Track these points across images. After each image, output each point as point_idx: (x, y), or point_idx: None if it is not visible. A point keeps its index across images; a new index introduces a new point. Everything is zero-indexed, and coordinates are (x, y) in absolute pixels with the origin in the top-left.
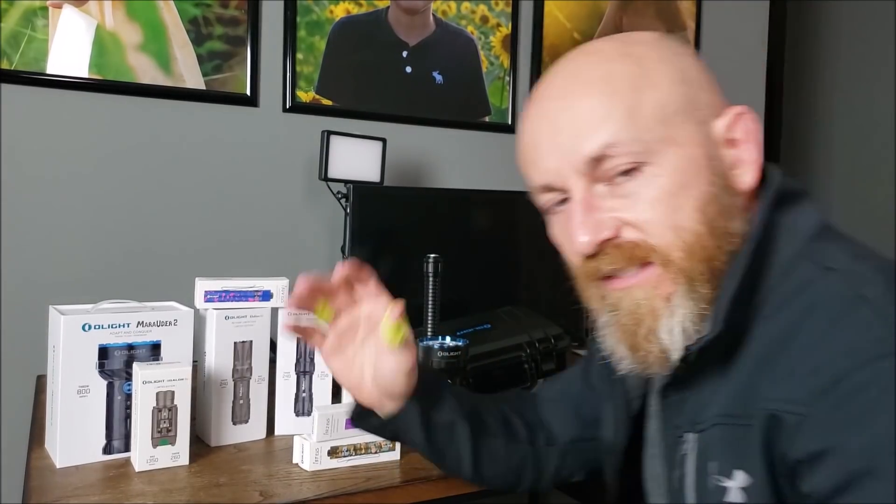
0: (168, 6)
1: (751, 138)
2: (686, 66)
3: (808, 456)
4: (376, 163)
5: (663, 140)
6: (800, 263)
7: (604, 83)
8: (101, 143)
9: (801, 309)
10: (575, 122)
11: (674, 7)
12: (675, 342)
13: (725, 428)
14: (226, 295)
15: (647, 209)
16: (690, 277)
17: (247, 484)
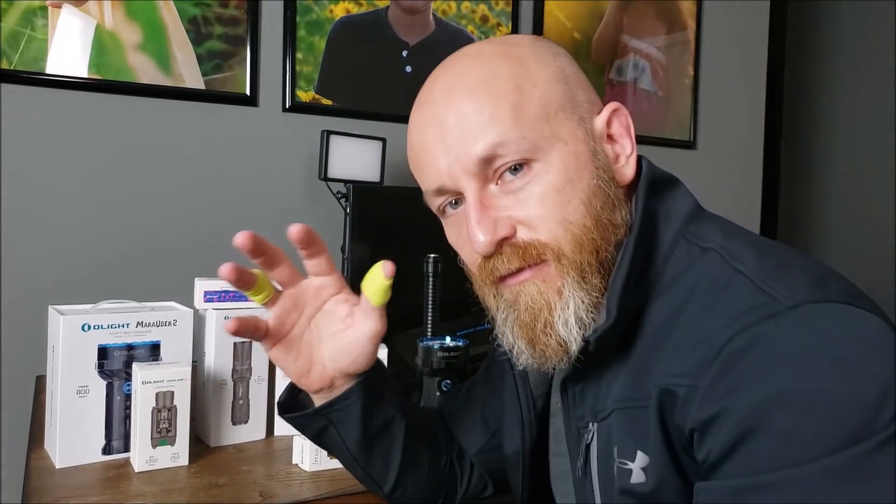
0: (168, 6)
1: (626, 132)
2: (563, 65)
3: (701, 424)
4: (376, 163)
5: (549, 137)
6: (678, 245)
7: (488, 83)
8: (101, 143)
9: (685, 288)
10: (463, 124)
11: (674, 7)
12: (571, 333)
13: (624, 412)
14: (225, 295)
15: (536, 205)
16: (580, 269)
17: (246, 484)
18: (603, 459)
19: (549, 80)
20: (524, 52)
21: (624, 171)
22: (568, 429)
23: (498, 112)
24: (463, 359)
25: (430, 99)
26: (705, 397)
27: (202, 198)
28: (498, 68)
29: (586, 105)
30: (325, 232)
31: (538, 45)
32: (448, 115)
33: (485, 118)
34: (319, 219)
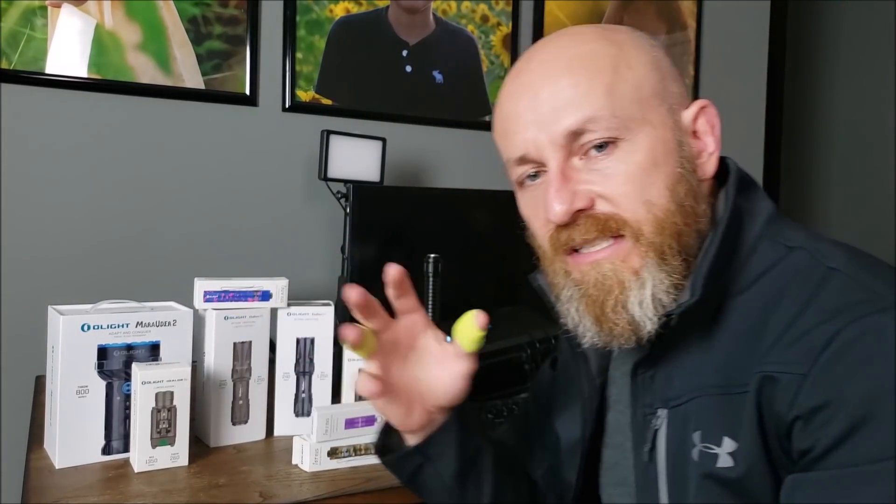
0: (167, 6)
1: (712, 130)
2: (658, 56)
3: (809, 411)
4: (376, 162)
5: (638, 119)
6: (762, 244)
7: (586, 60)
8: (101, 143)
9: (775, 283)
10: (557, 96)
11: (674, 7)
12: (646, 313)
13: (711, 398)
14: (225, 295)
15: (621, 183)
16: (661, 251)
17: (246, 485)
18: (675, 444)
19: (644, 66)
20: (623, 37)
21: (705, 167)
22: (634, 415)
23: (593, 88)
24: None
25: (526, 69)
26: (814, 385)
27: (202, 198)
28: (596, 47)
29: (677, 97)
30: (325, 232)
31: (636, 34)
32: (543, 87)
33: (579, 93)
34: (319, 219)
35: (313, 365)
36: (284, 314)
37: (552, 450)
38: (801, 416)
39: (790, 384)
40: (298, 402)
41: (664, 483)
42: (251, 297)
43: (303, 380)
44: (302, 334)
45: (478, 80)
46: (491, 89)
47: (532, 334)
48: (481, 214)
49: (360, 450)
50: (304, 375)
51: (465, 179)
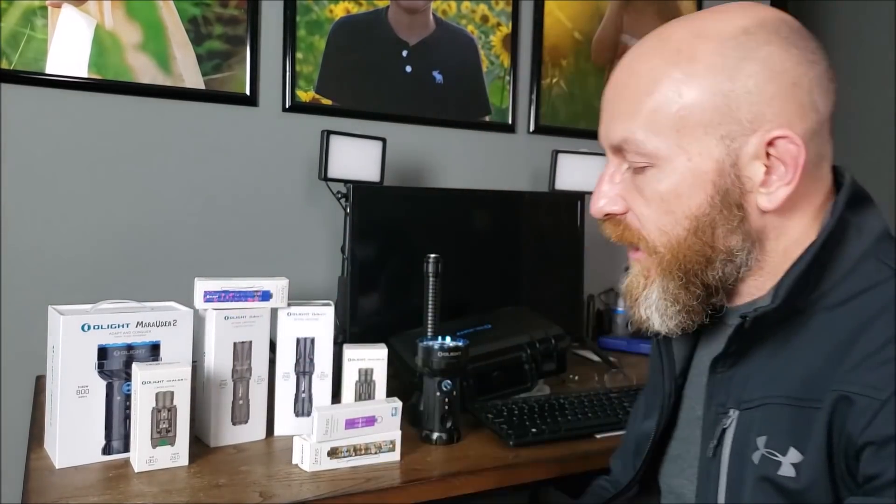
0: (167, 6)
1: (788, 161)
2: (747, 74)
3: (882, 439)
4: (376, 162)
5: (673, 147)
6: (866, 262)
7: (644, 78)
8: (101, 143)
9: (872, 305)
10: (615, 107)
11: (674, 7)
12: (652, 317)
13: (785, 408)
14: (225, 295)
15: (643, 205)
16: (666, 274)
17: (246, 485)
18: (739, 445)
19: (702, 94)
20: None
21: (770, 197)
22: (707, 411)
23: (638, 111)
24: (463, 359)
25: (618, 66)
26: (890, 414)
27: (202, 198)
28: (659, 65)
29: (746, 124)
30: (325, 232)
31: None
32: (612, 92)
33: (624, 112)
34: (319, 219)
35: (313, 365)
36: (284, 314)
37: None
38: (874, 443)
39: (867, 408)
40: (298, 401)
41: (724, 480)
42: (251, 297)
43: (303, 380)
44: (302, 334)
45: (478, 80)
46: (491, 89)
47: (532, 334)
48: (481, 214)
49: (360, 450)
50: (305, 375)
51: (465, 179)
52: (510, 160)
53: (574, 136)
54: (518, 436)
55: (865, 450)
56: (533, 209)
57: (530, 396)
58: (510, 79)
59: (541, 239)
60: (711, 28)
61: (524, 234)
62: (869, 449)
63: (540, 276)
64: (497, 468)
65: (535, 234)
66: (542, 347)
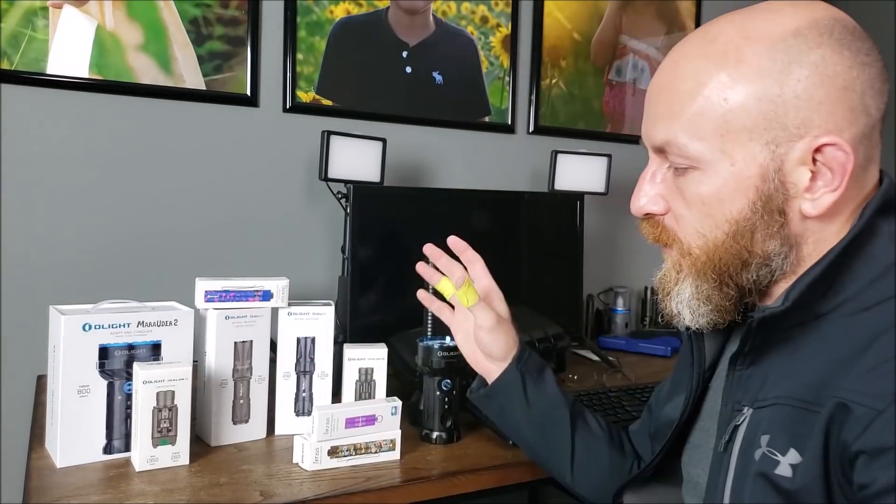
0: (168, 6)
1: (839, 168)
2: (796, 79)
3: (874, 449)
4: (376, 163)
5: (717, 152)
6: (892, 273)
7: (689, 80)
8: (101, 144)
9: (889, 317)
10: (657, 108)
11: (673, 7)
12: (682, 313)
13: (790, 409)
14: (226, 295)
15: (683, 206)
16: (700, 275)
17: (247, 484)
18: (748, 442)
19: (752, 97)
20: (754, 54)
21: (815, 203)
22: (724, 405)
23: (678, 114)
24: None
25: (661, 66)
26: (888, 425)
27: (203, 198)
28: (705, 66)
29: (793, 130)
30: (325, 232)
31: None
32: (654, 93)
33: (668, 113)
34: (319, 219)
35: (314, 364)
36: (285, 314)
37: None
38: (866, 452)
39: (863, 417)
40: (299, 401)
41: (731, 475)
42: (252, 297)
43: (303, 379)
44: (302, 334)
45: (477, 81)
46: (491, 90)
47: (531, 334)
48: (481, 214)
49: (361, 449)
50: (305, 375)
51: (465, 179)
52: (510, 160)
53: (573, 137)
54: None
55: (858, 458)
56: (533, 209)
57: None
58: (510, 79)
59: (540, 239)
60: (761, 29)
61: (524, 234)
62: (862, 458)
63: (539, 276)
64: (497, 467)
65: (534, 234)
66: (541, 347)
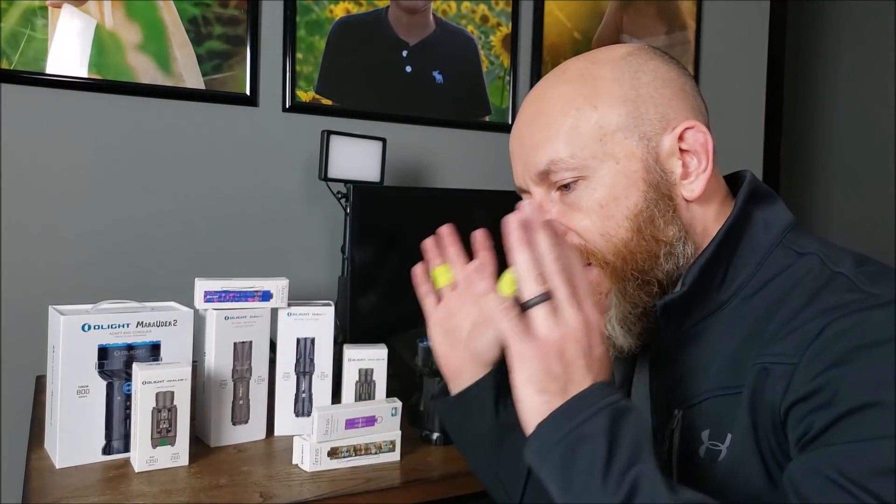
0: (168, 6)
1: (701, 149)
2: (644, 83)
3: (800, 397)
4: (376, 163)
5: (600, 156)
6: (776, 251)
7: (555, 103)
8: (101, 143)
9: (782, 287)
10: (532, 138)
11: (674, 7)
12: (615, 331)
13: (719, 399)
14: (226, 295)
15: (582, 218)
16: (622, 279)
17: (247, 485)
18: (685, 443)
19: (614, 102)
20: (604, 71)
21: (692, 186)
22: (654, 413)
23: (555, 133)
24: None
25: (520, 110)
26: (807, 372)
27: (202, 198)
28: (567, 90)
29: (656, 123)
30: (325, 232)
31: (624, 62)
32: (524, 128)
33: (544, 137)
34: (319, 219)
35: (314, 365)
36: (285, 314)
37: None
38: (795, 403)
39: (783, 374)
40: (299, 402)
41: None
42: (251, 298)
43: (303, 380)
44: (302, 334)
45: (478, 80)
46: (491, 89)
47: None
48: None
49: (360, 450)
50: (305, 375)
51: (465, 179)
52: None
53: None
54: None
55: (789, 415)
56: None
57: None
58: (510, 79)
59: None
60: (602, 56)
61: None
62: (792, 410)
63: None
64: None
65: None
66: None
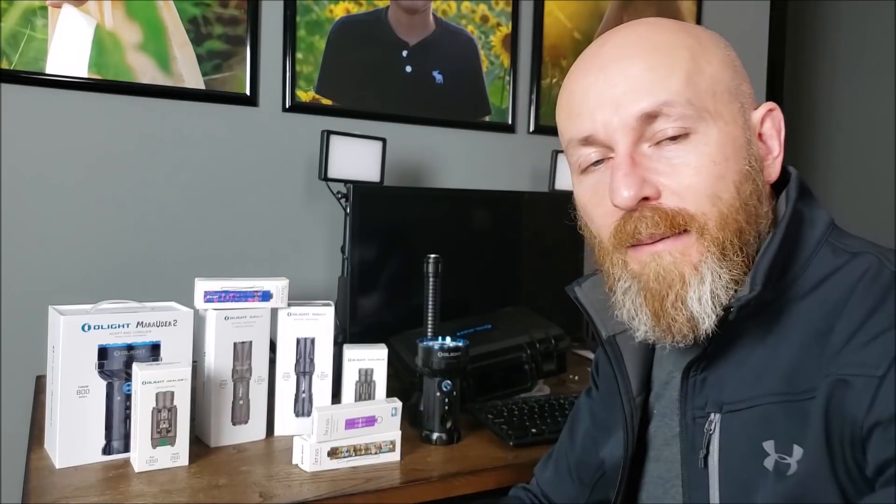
0: (168, 6)
1: (777, 135)
2: (732, 55)
3: (888, 417)
4: (376, 163)
5: (713, 112)
6: (822, 249)
7: (666, 47)
8: (101, 143)
9: (841, 287)
10: (634, 80)
11: (674, 7)
12: (704, 310)
13: (777, 406)
14: (225, 295)
15: (690, 174)
16: (722, 246)
17: (246, 485)
18: (735, 452)
19: (721, 62)
20: (700, 33)
21: (770, 170)
22: (683, 418)
23: (672, 74)
24: (463, 359)
25: (599, 53)
26: (891, 388)
27: (202, 198)
28: (676, 37)
29: (748, 97)
30: (325, 232)
31: (712, 32)
32: (617, 69)
33: (657, 77)
34: (319, 219)
35: (313, 365)
36: (285, 314)
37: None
38: (880, 423)
39: (866, 387)
40: (299, 402)
41: (715, 490)
42: (251, 298)
43: (303, 380)
44: (302, 334)
45: (478, 80)
46: (491, 89)
47: (532, 334)
48: (481, 214)
49: (360, 450)
50: (305, 375)
51: (465, 179)
52: (510, 160)
53: None
54: (518, 436)
55: (873, 433)
56: (533, 209)
57: (530, 396)
58: (510, 79)
59: (541, 239)
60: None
61: (524, 234)
62: (877, 431)
63: (540, 276)
64: (497, 468)
65: (535, 234)
66: (542, 347)
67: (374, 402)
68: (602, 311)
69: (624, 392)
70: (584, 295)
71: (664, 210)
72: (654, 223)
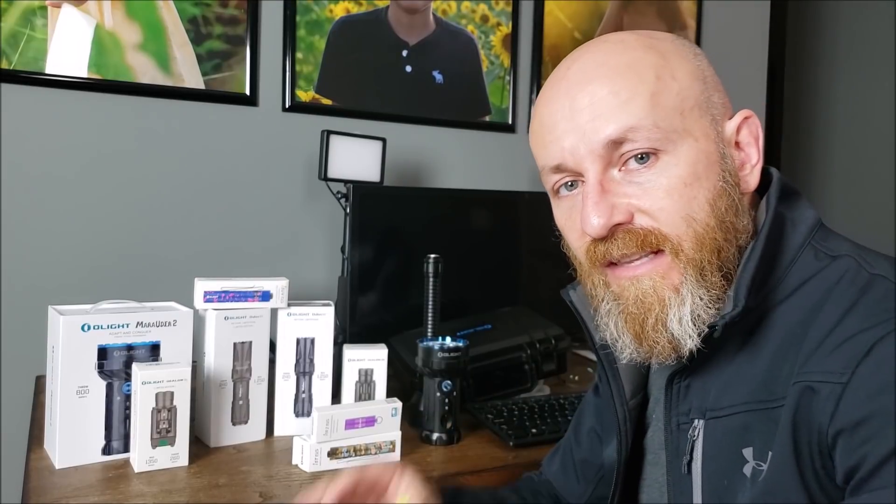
0: (167, 6)
1: (755, 142)
2: (702, 65)
3: (853, 423)
4: (376, 162)
5: (681, 131)
6: (805, 253)
7: (628, 69)
8: (101, 143)
9: (817, 291)
10: (598, 105)
11: (674, 7)
12: (685, 331)
13: (754, 414)
14: (225, 295)
15: (661, 197)
16: (700, 267)
17: (246, 485)
18: (717, 458)
19: (688, 76)
20: (667, 46)
21: (748, 179)
22: (668, 425)
23: (635, 97)
24: (463, 359)
25: (564, 77)
26: (857, 395)
27: (202, 197)
28: (640, 56)
29: (719, 108)
30: (325, 232)
31: (680, 42)
32: (582, 95)
33: (620, 101)
34: (319, 219)
35: (313, 365)
36: (284, 314)
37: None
38: (846, 429)
39: (831, 394)
40: (298, 402)
41: (698, 496)
42: (251, 298)
43: (303, 380)
44: (302, 334)
45: (478, 80)
46: (491, 89)
47: (532, 334)
48: (481, 214)
49: (360, 450)
50: (305, 376)
51: (465, 179)
52: (510, 160)
53: None
54: (518, 436)
55: (839, 440)
56: (533, 209)
57: (530, 397)
58: (510, 79)
59: (540, 239)
60: (654, 34)
61: (524, 234)
62: (842, 438)
63: (540, 276)
64: (497, 469)
65: (534, 234)
66: (542, 347)
67: (374, 402)
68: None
69: (617, 397)
70: (578, 299)
71: (636, 231)
72: (625, 243)
